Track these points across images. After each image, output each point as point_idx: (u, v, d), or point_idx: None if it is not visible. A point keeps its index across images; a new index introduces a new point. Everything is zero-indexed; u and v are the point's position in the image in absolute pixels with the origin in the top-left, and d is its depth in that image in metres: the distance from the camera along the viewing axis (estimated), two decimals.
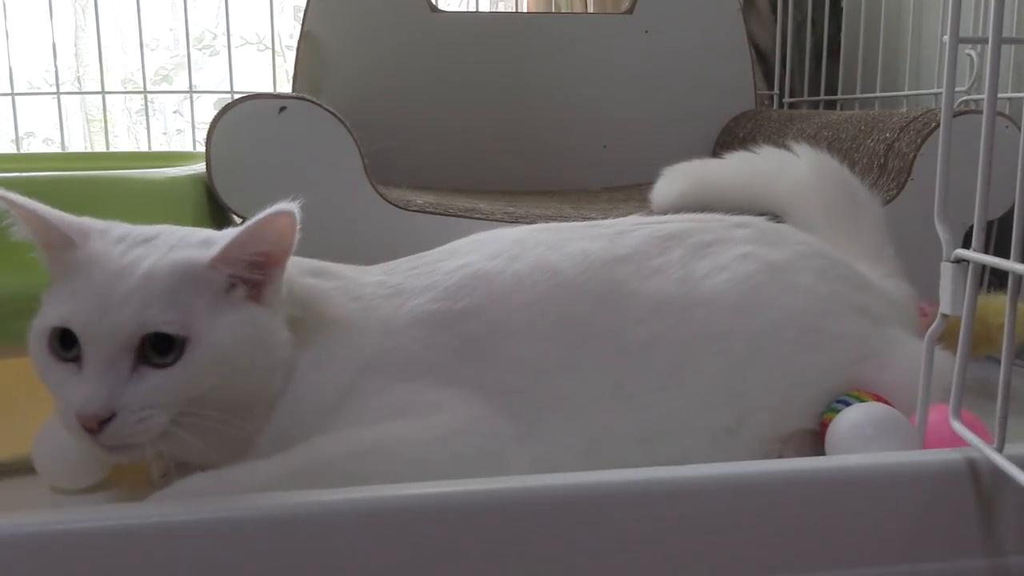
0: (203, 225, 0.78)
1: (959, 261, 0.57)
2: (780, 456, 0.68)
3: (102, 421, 0.54)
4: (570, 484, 0.53)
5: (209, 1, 1.99)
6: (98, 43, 1.55)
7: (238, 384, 0.59)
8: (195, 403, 0.57)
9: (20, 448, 0.68)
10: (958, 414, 0.58)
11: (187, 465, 0.64)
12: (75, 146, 1.94)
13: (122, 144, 2.04)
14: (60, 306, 0.58)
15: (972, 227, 0.56)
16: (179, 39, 2.02)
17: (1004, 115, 1.03)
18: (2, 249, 0.67)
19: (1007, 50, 1.18)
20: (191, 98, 1.64)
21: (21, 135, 1.58)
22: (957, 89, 1.15)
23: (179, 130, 2.02)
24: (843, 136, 1.14)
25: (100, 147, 1.87)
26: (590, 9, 1.78)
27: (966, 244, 0.57)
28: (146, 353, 0.56)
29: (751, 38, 1.56)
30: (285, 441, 0.60)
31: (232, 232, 0.60)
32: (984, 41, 0.55)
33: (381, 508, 0.51)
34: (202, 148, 0.98)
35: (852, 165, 1.05)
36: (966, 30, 1.20)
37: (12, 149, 1.56)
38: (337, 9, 1.43)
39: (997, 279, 0.82)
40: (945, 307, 0.58)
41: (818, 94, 1.58)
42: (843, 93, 1.57)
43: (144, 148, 1.78)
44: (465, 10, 1.86)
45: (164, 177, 0.93)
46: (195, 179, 0.96)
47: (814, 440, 0.69)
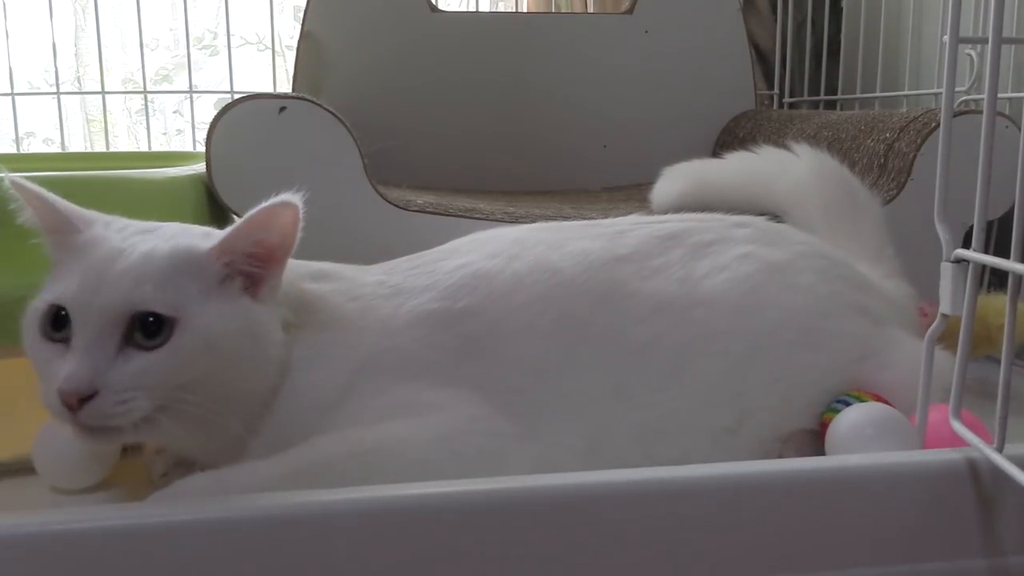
0: (203, 225, 0.78)
1: (959, 261, 0.57)
2: (780, 456, 0.68)
3: (83, 399, 0.54)
4: (570, 484, 0.53)
5: (209, 1, 1.99)
6: (98, 43, 1.55)
7: (225, 375, 0.59)
8: (180, 390, 0.57)
9: (20, 448, 0.68)
10: (958, 414, 0.58)
11: (187, 465, 0.64)
12: (75, 146, 1.94)
13: (122, 144, 2.04)
14: (56, 286, 0.58)
15: (972, 227, 0.56)
16: (179, 39, 2.02)
17: (1004, 115, 1.03)
18: (2, 249, 0.67)
19: (1007, 50, 1.18)
20: (191, 98, 1.64)
21: (21, 135, 1.58)
22: (957, 89, 1.15)
23: (179, 130, 2.02)
24: (843, 136, 1.14)
25: (100, 147, 1.86)
26: (590, 9, 1.77)
27: (966, 244, 0.57)
28: (134, 336, 0.56)
29: (751, 38, 1.56)
30: (283, 441, 0.60)
31: (234, 224, 0.60)
32: (984, 41, 0.55)
33: (381, 508, 0.51)
34: (202, 148, 0.98)
35: (852, 165, 1.05)
36: (966, 30, 1.20)
37: (12, 149, 1.56)
38: (337, 9, 1.43)
39: (997, 279, 0.82)
40: (945, 307, 0.58)
41: (818, 94, 1.58)
42: (843, 93, 1.57)
43: (144, 148, 1.78)
44: (465, 10, 1.86)
45: (164, 177, 0.93)
46: (195, 179, 0.96)
47: (814, 440, 0.69)
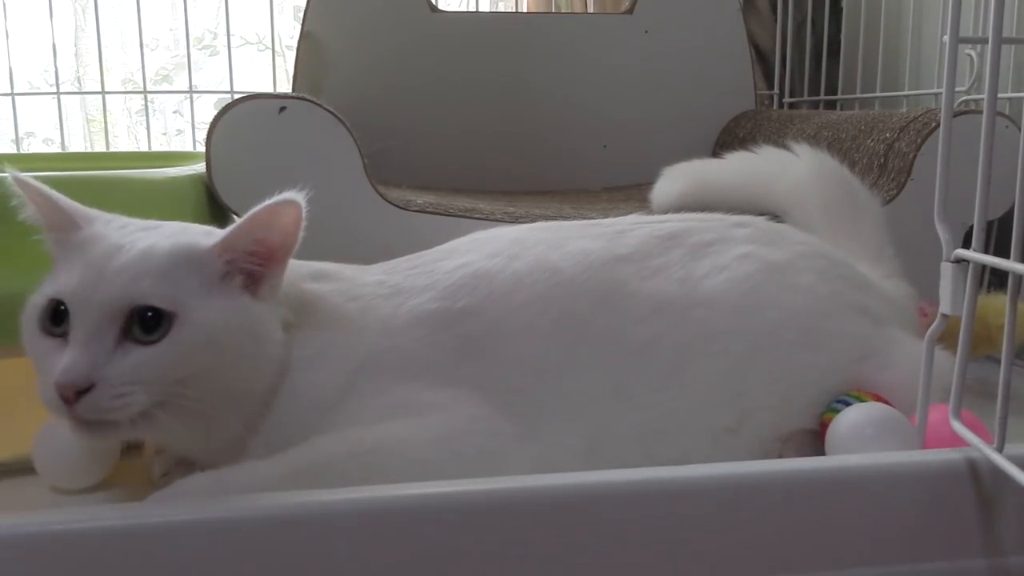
0: (203, 225, 0.78)
1: (959, 261, 0.57)
2: (780, 456, 0.68)
3: (80, 392, 0.54)
4: (570, 484, 0.53)
5: (209, 1, 1.99)
6: (98, 43, 1.55)
7: (223, 372, 0.59)
8: (178, 386, 0.57)
9: (20, 448, 0.68)
10: (958, 414, 0.58)
11: (187, 465, 0.64)
12: (75, 146, 1.94)
13: (122, 144, 2.04)
14: (56, 280, 0.59)
15: (972, 227, 0.56)
16: (179, 39, 2.02)
17: (1004, 115, 1.03)
18: (2, 250, 0.67)
19: (1007, 50, 1.18)
20: (191, 98, 1.64)
21: (21, 135, 1.58)
22: (957, 89, 1.15)
23: (179, 130, 2.02)
24: (843, 136, 1.14)
25: (100, 147, 1.86)
26: (590, 9, 1.77)
27: (966, 244, 0.57)
28: (132, 330, 0.56)
29: (751, 38, 1.56)
30: (283, 441, 0.60)
31: (237, 221, 0.61)
32: (984, 41, 0.55)
33: (381, 508, 0.51)
34: (202, 148, 0.98)
35: (852, 165, 1.05)
36: (966, 30, 1.20)
37: (12, 149, 1.56)
38: (337, 9, 1.43)
39: (997, 279, 0.82)
40: (945, 307, 0.58)
41: (818, 94, 1.58)
42: (843, 93, 1.57)
43: (144, 148, 1.78)
44: (465, 10, 1.86)
45: (164, 177, 0.93)
46: (195, 179, 0.96)
47: (814, 440, 0.69)
